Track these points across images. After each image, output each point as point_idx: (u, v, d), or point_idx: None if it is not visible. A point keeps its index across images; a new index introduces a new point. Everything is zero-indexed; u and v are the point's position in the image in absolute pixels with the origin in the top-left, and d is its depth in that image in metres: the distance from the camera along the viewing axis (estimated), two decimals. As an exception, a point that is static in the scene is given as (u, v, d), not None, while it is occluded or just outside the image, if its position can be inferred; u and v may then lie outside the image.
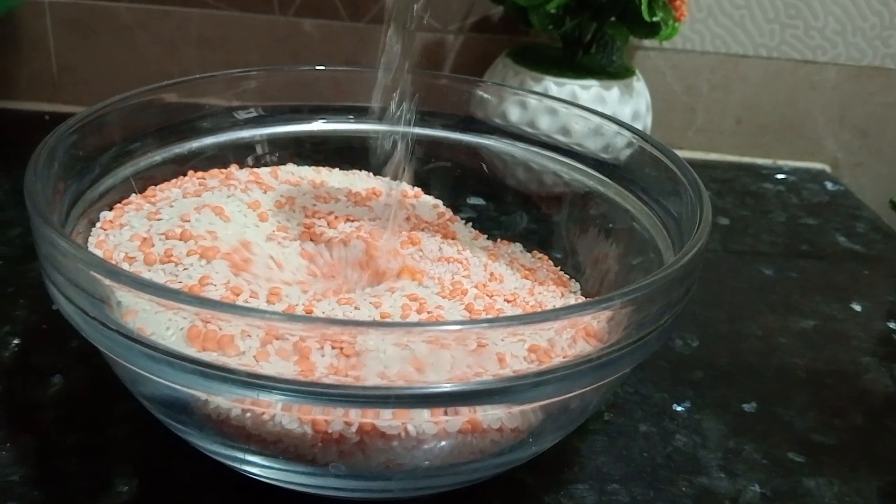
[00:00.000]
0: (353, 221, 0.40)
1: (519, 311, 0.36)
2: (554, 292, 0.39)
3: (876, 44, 0.72)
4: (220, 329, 0.27)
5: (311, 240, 0.38)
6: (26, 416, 0.37)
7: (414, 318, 0.33)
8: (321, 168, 0.46)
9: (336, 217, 0.40)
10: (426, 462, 0.29)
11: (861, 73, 0.73)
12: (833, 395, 0.44)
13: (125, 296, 0.26)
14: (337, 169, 0.46)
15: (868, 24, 0.71)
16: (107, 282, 0.26)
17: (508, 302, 0.36)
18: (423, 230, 0.42)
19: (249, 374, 0.26)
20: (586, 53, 0.60)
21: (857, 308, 0.53)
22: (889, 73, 0.73)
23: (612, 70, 0.59)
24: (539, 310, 0.37)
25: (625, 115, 0.57)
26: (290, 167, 0.45)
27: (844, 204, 0.69)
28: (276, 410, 0.27)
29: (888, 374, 0.47)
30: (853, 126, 0.76)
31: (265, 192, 0.41)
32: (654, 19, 0.55)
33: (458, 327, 0.26)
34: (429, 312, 0.33)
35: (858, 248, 0.61)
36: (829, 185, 0.72)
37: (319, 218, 0.40)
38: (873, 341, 0.50)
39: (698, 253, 0.30)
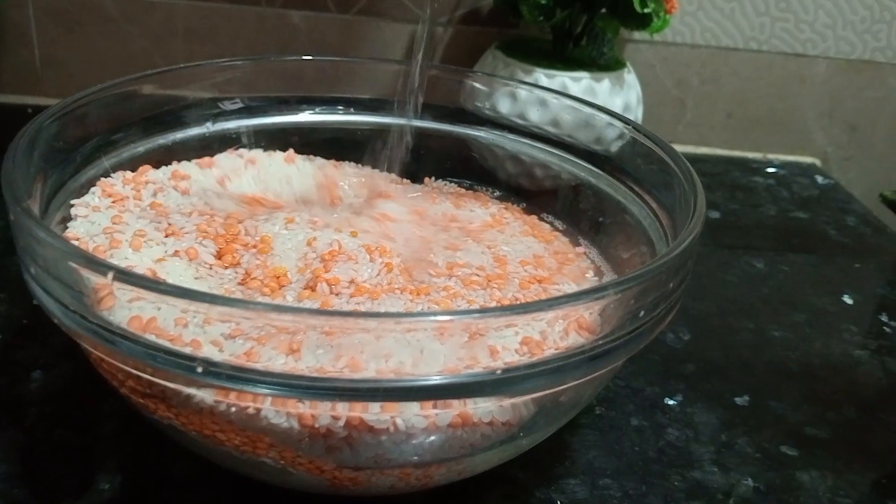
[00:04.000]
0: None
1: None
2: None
3: (866, 37, 0.72)
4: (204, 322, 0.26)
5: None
6: (7, 413, 0.36)
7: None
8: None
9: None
10: (415, 457, 0.29)
11: (851, 67, 0.73)
12: (826, 389, 0.44)
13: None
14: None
15: (858, 17, 0.71)
16: (88, 274, 0.26)
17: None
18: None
19: (234, 367, 0.25)
20: (577, 46, 0.60)
21: (849, 301, 0.53)
22: (879, 67, 0.73)
23: (602, 62, 0.59)
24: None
25: (615, 107, 0.57)
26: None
27: (834, 198, 0.69)
28: (261, 404, 0.26)
29: (881, 367, 0.46)
30: (843, 120, 0.76)
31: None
32: (646, 11, 0.55)
33: (449, 317, 0.25)
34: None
35: (849, 241, 0.61)
36: (819, 179, 0.72)
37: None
38: (865, 334, 0.50)
39: (693, 242, 0.30)
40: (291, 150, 0.44)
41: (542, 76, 0.57)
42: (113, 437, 0.36)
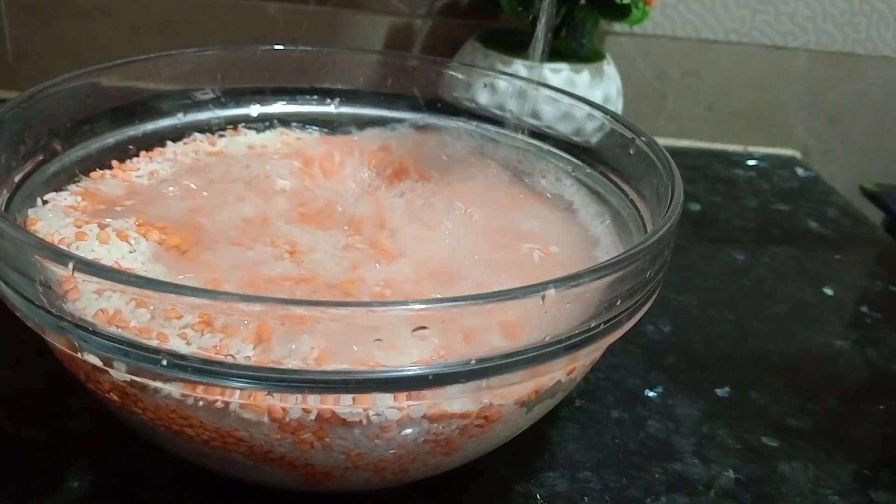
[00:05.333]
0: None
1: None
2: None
3: (846, 29, 0.72)
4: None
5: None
6: (-26, 410, 0.35)
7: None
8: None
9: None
10: (390, 451, 0.28)
11: (831, 59, 0.73)
12: (807, 380, 0.44)
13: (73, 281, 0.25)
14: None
15: (838, 9, 0.71)
16: (50, 265, 0.25)
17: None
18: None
19: (201, 360, 0.24)
20: (556, 37, 0.59)
21: (830, 292, 0.53)
22: (859, 59, 0.73)
23: (582, 54, 0.58)
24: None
25: (595, 99, 0.56)
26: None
27: (815, 190, 0.69)
28: (229, 398, 0.26)
29: (861, 358, 0.46)
30: (823, 112, 0.76)
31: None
32: (625, 2, 0.55)
33: (423, 306, 0.24)
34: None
35: (829, 233, 0.61)
36: (799, 172, 0.72)
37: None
38: (846, 325, 0.49)
39: (670, 230, 0.30)
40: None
41: (521, 68, 0.56)
42: (84, 435, 0.35)
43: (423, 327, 0.24)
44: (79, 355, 0.26)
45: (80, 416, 0.36)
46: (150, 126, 0.41)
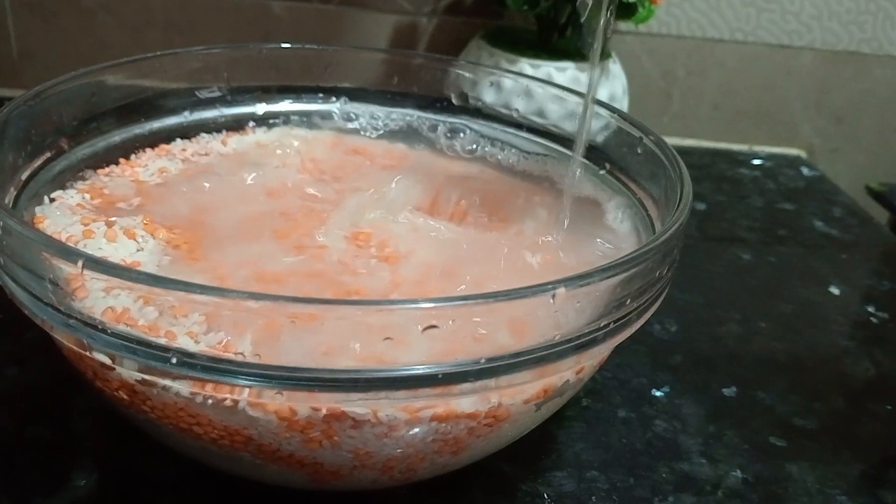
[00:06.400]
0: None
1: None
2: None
3: (851, 28, 0.72)
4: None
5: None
6: (-21, 409, 0.35)
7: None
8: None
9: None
10: (398, 450, 0.28)
11: (837, 59, 0.73)
12: (813, 379, 0.44)
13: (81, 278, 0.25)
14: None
15: (843, 8, 0.71)
16: (59, 263, 0.25)
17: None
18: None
19: (210, 358, 0.24)
20: (561, 36, 0.59)
21: (836, 292, 0.52)
22: (865, 59, 0.73)
23: (587, 52, 0.58)
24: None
25: (601, 97, 0.56)
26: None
27: (821, 189, 0.68)
28: (238, 396, 0.25)
29: (868, 358, 0.46)
30: (829, 112, 0.75)
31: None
32: (631, 0, 0.54)
33: (432, 304, 0.24)
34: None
35: (835, 232, 0.61)
36: (805, 171, 0.71)
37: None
38: (852, 325, 0.49)
39: (679, 230, 0.29)
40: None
41: (526, 66, 0.56)
42: (88, 434, 0.35)
43: (433, 326, 0.24)
44: (87, 353, 0.25)
45: (85, 415, 0.36)
46: (157, 124, 0.41)
